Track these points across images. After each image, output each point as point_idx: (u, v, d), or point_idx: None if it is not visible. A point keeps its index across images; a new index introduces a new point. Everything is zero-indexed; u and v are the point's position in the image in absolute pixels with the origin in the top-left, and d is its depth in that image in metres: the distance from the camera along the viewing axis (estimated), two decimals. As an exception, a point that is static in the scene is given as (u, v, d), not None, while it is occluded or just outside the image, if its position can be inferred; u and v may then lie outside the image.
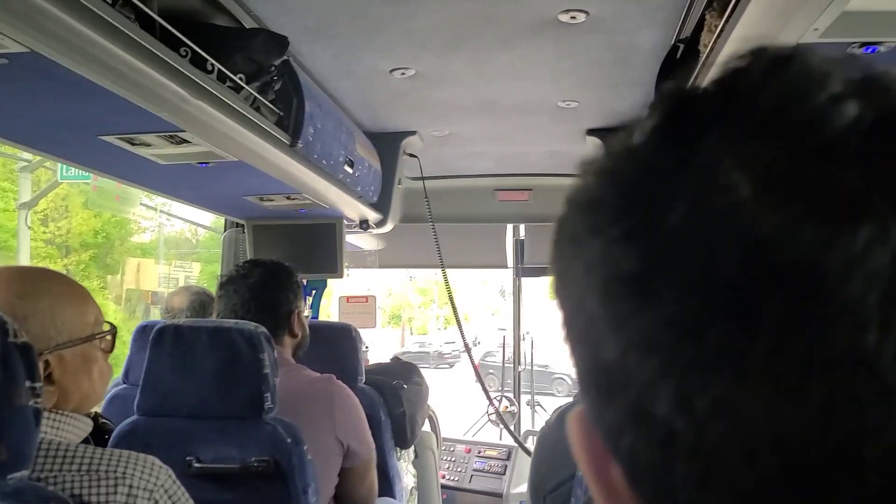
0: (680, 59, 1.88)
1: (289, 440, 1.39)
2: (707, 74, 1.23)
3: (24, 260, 9.44)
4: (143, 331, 2.04)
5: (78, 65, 1.17)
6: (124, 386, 2.07)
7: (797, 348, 0.24)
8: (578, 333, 0.31)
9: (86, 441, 1.10)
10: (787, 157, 0.25)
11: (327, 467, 1.64)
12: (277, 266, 1.81)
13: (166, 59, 1.33)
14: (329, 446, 1.64)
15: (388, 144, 2.80)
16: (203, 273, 13.01)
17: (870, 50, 1.06)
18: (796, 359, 0.24)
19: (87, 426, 1.05)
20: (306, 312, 2.02)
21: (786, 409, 0.24)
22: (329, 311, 3.98)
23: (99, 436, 1.30)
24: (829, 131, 0.25)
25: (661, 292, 0.26)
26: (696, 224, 0.26)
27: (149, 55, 1.28)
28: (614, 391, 0.28)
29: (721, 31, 1.27)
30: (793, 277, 0.24)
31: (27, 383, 0.80)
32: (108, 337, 1.08)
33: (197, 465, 1.38)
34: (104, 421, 1.35)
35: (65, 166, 8.69)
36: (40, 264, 10.89)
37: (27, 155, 9.40)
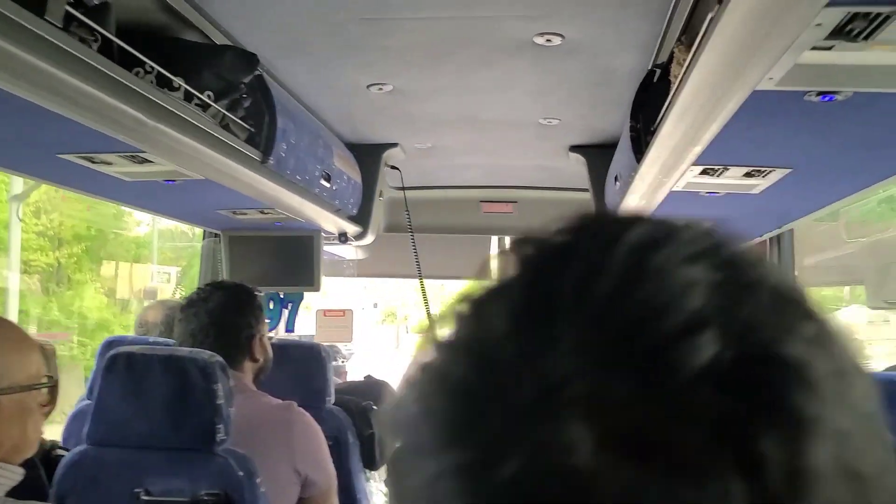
0: (657, 83, 1.86)
1: (241, 473, 1.37)
2: (677, 103, 1.19)
3: (16, 252, 9.40)
4: (108, 346, 2.01)
5: (28, 92, 1.14)
6: (88, 402, 2.04)
7: None
8: None
9: (33, 469, 1.08)
10: (635, 402, 0.23)
11: (283, 498, 1.62)
12: (239, 289, 1.79)
13: (123, 81, 1.31)
14: (286, 476, 1.62)
15: (369, 156, 2.78)
16: (196, 269, 12.94)
17: (827, 98, 1.03)
18: None
19: (15, 475, 1.02)
20: (270, 335, 2.00)
21: None
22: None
23: (48, 463, 1.27)
24: (681, 374, 0.23)
25: None
26: (531, 480, 0.23)
27: (104, 78, 1.25)
28: None
29: (688, 66, 1.24)
30: None
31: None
32: (46, 390, 1.06)
33: (145, 497, 1.35)
34: (58, 452, 1.33)
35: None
36: (32, 256, 10.87)
37: (19, 148, 9.32)
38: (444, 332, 0.28)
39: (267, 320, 2.56)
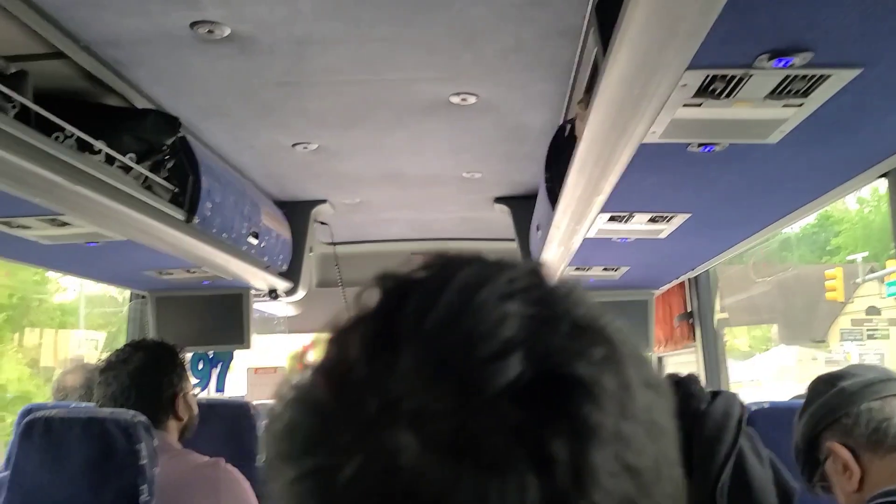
0: (567, 138, 1.97)
1: (164, 535, 1.35)
2: (577, 156, 1.28)
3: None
4: (26, 414, 1.95)
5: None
6: (5, 474, 1.97)
7: None
8: None
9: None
10: (453, 412, 0.28)
11: (211, 558, 1.59)
12: (159, 347, 1.77)
13: (41, 146, 1.32)
14: (214, 536, 1.59)
15: (298, 213, 2.81)
16: (123, 337, 12.50)
17: (707, 149, 1.14)
18: None
19: None
20: (195, 391, 1.97)
21: None
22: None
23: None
24: (490, 390, 0.28)
25: None
26: (369, 478, 0.28)
27: (20, 144, 1.26)
28: None
29: (585, 122, 1.34)
30: None
31: None
32: None
33: (64, 566, 1.32)
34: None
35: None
36: (-51, 329, 10.31)
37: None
38: (313, 356, 0.33)
39: (195, 380, 2.52)
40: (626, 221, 1.70)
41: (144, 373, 1.67)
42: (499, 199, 2.87)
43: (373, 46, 1.55)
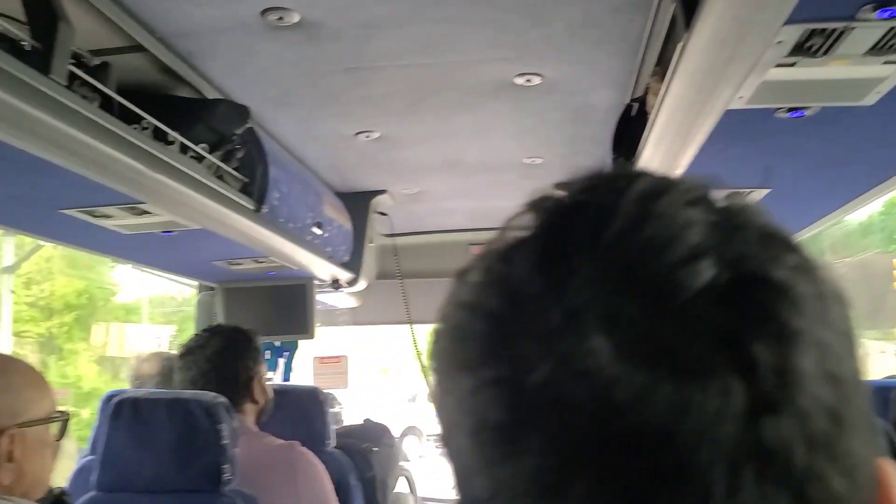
0: (635, 117, 1.93)
1: (248, 513, 1.37)
2: (654, 130, 1.26)
3: (7, 324, 9.32)
4: (109, 401, 2.02)
5: (34, 147, 1.19)
6: (91, 458, 2.04)
7: None
8: (451, 456, 0.32)
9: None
10: (646, 318, 0.27)
11: (290, 538, 1.62)
12: (236, 333, 1.81)
13: (123, 134, 1.36)
14: (292, 516, 1.62)
15: (358, 204, 2.83)
16: (188, 332, 12.88)
17: (796, 114, 1.10)
18: None
19: None
20: (269, 376, 2.01)
21: None
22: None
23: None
24: (685, 293, 0.27)
25: (527, 445, 0.27)
26: (560, 384, 0.27)
27: (105, 132, 1.30)
28: None
29: (663, 93, 1.31)
30: (647, 442, 0.26)
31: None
32: (59, 425, 1.09)
33: (154, 541, 1.35)
34: (67, 500, 1.34)
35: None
36: (23, 327, 10.78)
37: (7, 219, 9.36)
38: (474, 276, 0.32)
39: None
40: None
41: (222, 357, 1.71)
42: (560, 186, 2.83)
43: (438, 27, 1.55)
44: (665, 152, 1.33)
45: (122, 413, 1.42)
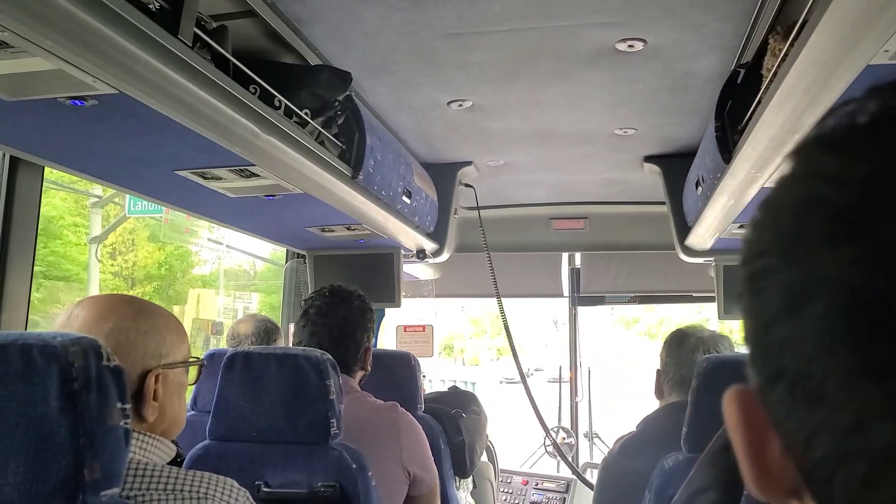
0: (741, 84, 1.87)
1: (354, 466, 1.41)
2: (771, 100, 1.21)
3: (94, 292, 9.81)
4: (210, 359, 2.10)
5: (161, 104, 1.24)
6: (193, 413, 2.13)
7: None
8: (776, 346, 0.30)
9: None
10: None
11: (392, 494, 1.66)
12: (362, 304, 1.87)
13: (239, 96, 1.40)
14: (394, 474, 1.66)
15: (444, 175, 2.84)
16: (261, 304, 13.30)
17: (944, 70, 1.04)
18: None
19: (171, 451, 1.09)
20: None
21: None
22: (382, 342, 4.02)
23: (173, 460, 1.34)
24: None
25: None
26: None
27: (224, 93, 1.35)
28: (820, 401, 0.28)
29: (786, 54, 1.26)
30: None
31: (118, 404, 0.84)
32: (196, 369, 1.15)
33: (266, 489, 1.41)
34: (178, 448, 1.40)
35: (132, 201, 9.05)
36: (107, 296, 11.32)
37: (98, 191, 9.83)
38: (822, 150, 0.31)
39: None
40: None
41: (349, 325, 1.78)
42: (649, 158, 2.78)
43: (545, -11, 1.53)
44: (789, 114, 1.28)
45: (235, 367, 1.47)
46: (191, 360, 1.13)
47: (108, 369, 0.83)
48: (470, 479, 2.45)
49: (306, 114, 1.76)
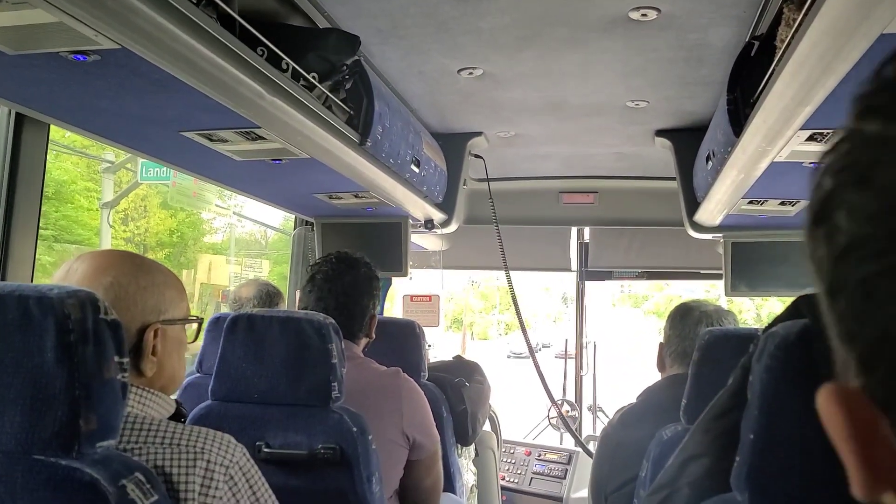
0: (755, 56, 1.84)
1: (355, 429, 1.42)
2: (783, 70, 1.18)
3: (105, 256, 9.87)
4: (216, 322, 2.12)
5: (164, 61, 1.23)
6: (198, 375, 2.15)
7: None
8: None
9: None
10: None
11: (392, 459, 1.67)
12: (368, 271, 1.87)
13: (245, 57, 1.39)
14: (395, 438, 1.67)
15: (453, 145, 2.82)
16: (272, 273, 13.38)
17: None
18: None
19: (170, 406, 1.10)
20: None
21: None
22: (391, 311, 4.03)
23: (176, 419, 1.36)
24: None
25: None
26: None
27: (229, 53, 1.33)
28: None
29: (800, 24, 1.23)
30: None
31: (115, 358, 0.84)
32: (195, 325, 1.15)
33: (266, 450, 1.42)
34: (181, 408, 1.41)
35: (145, 167, 9.07)
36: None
37: (110, 156, 9.86)
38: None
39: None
40: (826, 141, 1.57)
41: (355, 290, 1.78)
42: (660, 133, 2.75)
43: (560, -47, 1.50)
44: (801, 83, 1.25)
45: (238, 329, 1.48)
46: (190, 317, 1.13)
47: (105, 323, 0.84)
48: (472, 447, 2.46)
49: (314, 77, 1.74)
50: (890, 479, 0.29)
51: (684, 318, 1.85)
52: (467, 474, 2.39)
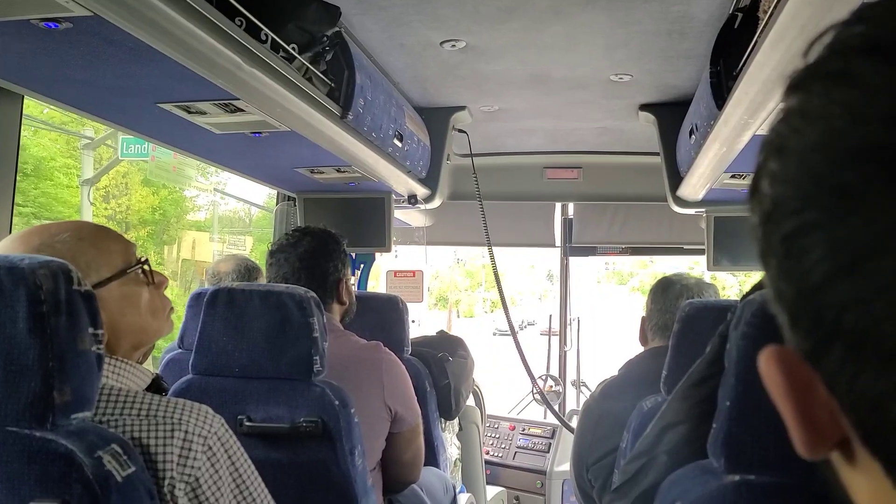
0: (738, 29, 1.83)
1: (336, 402, 1.42)
2: (765, 41, 1.18)
3: (86, 235, 9.77)
4: (197, 297, 2.10)
5: (138, 29, 1.20)
6: (179, 350, 2.14)
7: None
8: (844, 297, 0.28)
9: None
10: None
11: (374, 431, 1.68)
12: (326, 234, 1.84)
13: (222, 26, 1.36)
14: (376, 411, 1.67)
15: (437, 119, 2.80)
16: (255, 251, 13.31)
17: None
18: None
19: (146, 377, 1.09)
20: (352, 282, 2.05)
21: None
22: (376, 288, 4.02)
23: (157, 393, 1.35)
24: None
25: None
26: None
27: (206, 22, 1.30)
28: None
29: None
30: None
31: (90, 329, 0.83)
32: (141, 270, 1.08)
33: (248, 423, 1.42)
34: (162, 382, 1.40)
35: (125, 144, 8.94)
36: (101, 240, 11.31)
37: (90, 132, 9.71)
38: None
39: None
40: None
41: (313, 256, 1.75)
42: (644, 107, 2.74)
43: (542, -77, 1.48)
44: (782, 55, 1.25)
45: (218, 303, 1.46)
46: (129, 268, 1.05)
47: (79, 294, 0.82)
48: (456, 422, 2.48)
49: (293, 48, 1.72)
50: (829, 437, 0.30)
51: (665, 291, 1.86)
52: (451, 448, 2.40)
